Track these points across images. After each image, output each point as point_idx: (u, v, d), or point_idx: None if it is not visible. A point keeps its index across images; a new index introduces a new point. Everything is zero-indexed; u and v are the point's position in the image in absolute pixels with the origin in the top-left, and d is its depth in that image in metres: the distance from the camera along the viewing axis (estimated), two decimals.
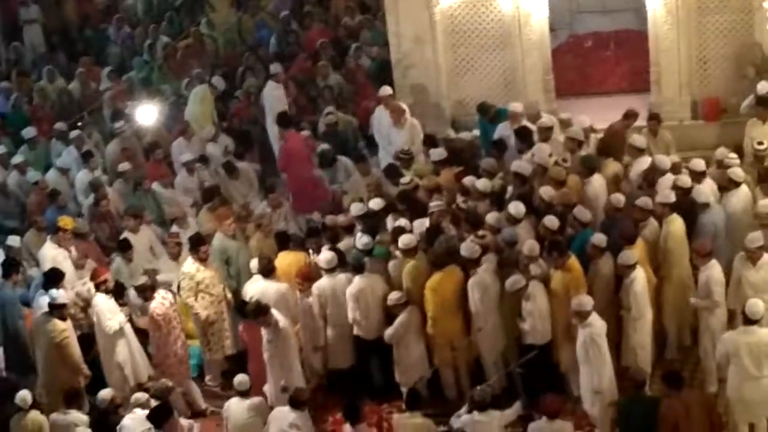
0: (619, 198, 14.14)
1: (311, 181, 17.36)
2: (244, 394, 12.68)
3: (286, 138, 17.65)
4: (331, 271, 13.81)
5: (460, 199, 14.99)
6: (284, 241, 14.83)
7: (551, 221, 13.62)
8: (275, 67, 19.18)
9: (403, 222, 14.25)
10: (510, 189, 14.88)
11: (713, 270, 12.95)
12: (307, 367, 13.95)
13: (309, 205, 16.98)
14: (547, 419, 11.80)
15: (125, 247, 15.28)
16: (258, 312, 13.10)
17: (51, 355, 13.69)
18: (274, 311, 13.16)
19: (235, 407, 12.67)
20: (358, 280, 13.66)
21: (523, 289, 12.98)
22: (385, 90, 17.56)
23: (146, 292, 13.90)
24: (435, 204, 14.41)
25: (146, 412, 12.24)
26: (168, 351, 13.88)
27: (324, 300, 13.83)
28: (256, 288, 13.94)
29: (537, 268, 13.19)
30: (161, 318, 13.77)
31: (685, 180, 14.29)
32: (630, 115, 16.19)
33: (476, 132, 17.22)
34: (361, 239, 14.12)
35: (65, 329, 13.68)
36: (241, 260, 14.98)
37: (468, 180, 15.14)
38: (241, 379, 12.80)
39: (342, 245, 14.37)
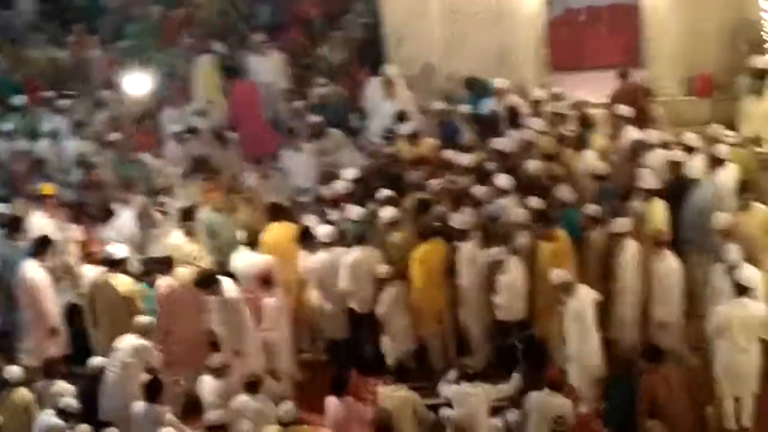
0: (600, 166, 14.07)
1: (260, 126, 17.75)
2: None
3: (233, 87, 18.23)
4: (330, 245, 13.77)
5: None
6: (277, 213, 14.79)
7: (537, 203, 13.64)
8: (257, 37, 19.21)
9: (387, 194, 14.29)
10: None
11: (667, 261, 12.91)
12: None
13: (257, 149, 17.24)
14: (549, 391, 11.85)
15: (107, 217, 15.27)
16: (206, 282, 13.08)
17: (118, 310, 13.68)
18: (226, 282, 13.13)
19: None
20: (356, 251, 13.66)
21: (501, 262, 12.95)
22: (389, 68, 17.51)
23: (163, 265, 13.81)
24: (436, 182, 14.51)
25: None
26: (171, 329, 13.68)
27: (324, 273, 13.79)
28: (242, 260, 13.92)
29: (522, 237, 13.18)
30: (164, 297, 13.65)
31: (678, 155, 14.26)
32: (624, 74, 16.19)
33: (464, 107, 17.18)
34: (355, 210, 14.14)
35: (131, 282, 13.73)
36: (227, 233, 14.99)
37: (449, 154, 15.14)
38: (222, 358, 12.86)
39: (330, 217, 14.45)
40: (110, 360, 13.00)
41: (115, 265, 13.87)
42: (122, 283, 13.78)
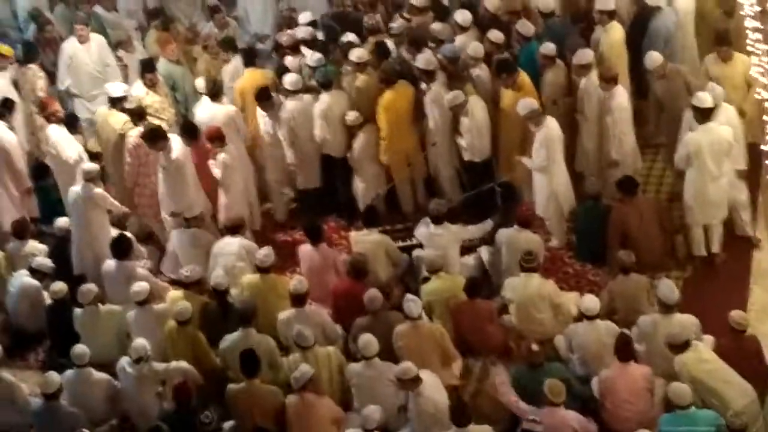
0: (548, 3, 14.01)
1: None
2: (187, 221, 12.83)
3: None
4: (296, 92, 13.62)
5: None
6: (250, 57, 14.55)
7: (496, 36, 13.53)
8: None
9: (352, 37, 14.06)
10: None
11: (620, 96, 12.81)
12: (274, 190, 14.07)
13: None
14: (519, 227, 11.98)
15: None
16: (154, 137, 12.93)
17: (117, 148, 13.71)
18: (174, 138, 13.01)
19: (178, 237, 12.79)
20: (325, 97, 13.53)
21: (462, 104, 12.94)
22: None
23: (134, 116, 13.60)
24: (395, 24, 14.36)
25: None
26: (140, 181, 13.61)
27: (293, 123, 13.63)
28: (204, 111, 13.79)
29: (480, 71, 13.16)
30: (133, 148, 13.45)
31: None
32: None
33: None
34: (313, 56, 13.97)
35: (128, 120, 13.61)
36: (187, 84, 14.83)
37: None
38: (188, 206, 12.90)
39: (288, 63, 14.23)
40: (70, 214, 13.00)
41: (115, 103, 13.78)
42: (119, 120, 13.70)
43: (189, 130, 13.31)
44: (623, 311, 11.19)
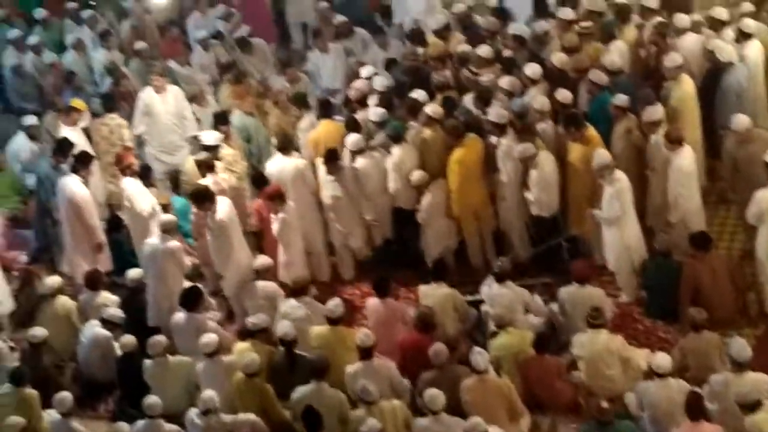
0: (614, 60, 13.94)
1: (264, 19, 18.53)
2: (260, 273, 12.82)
3: None
4: (360, 152, 13.65)
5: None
6: (326, 109, 14.66)
7: (563, 95, 13.48)
8: None
9: (419, 94, 14.11)
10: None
11: (684, 158, 12.66)
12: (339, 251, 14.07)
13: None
14: (578, 285, 11.88)
15: None
16: (200, 197, 13.01)
17: None
18: (222, 201, 13.05)
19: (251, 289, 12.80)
20: (396, 151, 13.54)
21: (532, 157, 12.90)
22: None
23: (203, 168, 13.75)
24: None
25: None
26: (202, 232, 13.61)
27: (365, 179, 13.66)
28: (274, 164, 13.89)
29: (546, 125, 13.19)
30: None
31: (717, 44, 13.98)
32: None
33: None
34: (376, 112, 14.03)
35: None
36: (260, 136, 14.93)
37: (464, 47, 14.98)
38: (262, 261, 12.87)
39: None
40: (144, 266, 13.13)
41: (209, 150, 13.95)
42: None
43: (258, 182, 13.40)
44: (695, 369, 11.04)
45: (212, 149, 13.99)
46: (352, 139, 13.65)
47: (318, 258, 13.94)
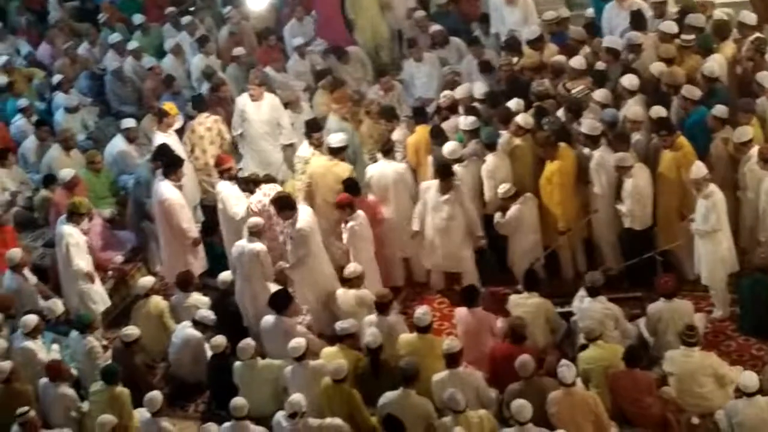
0: (714, 66, 13.76)
1: (334, 13, 18.39)
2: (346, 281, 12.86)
3: None
4: (458, 160, 13.61)
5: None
6: (421, 114, 14.79)
7: (657, 111, 13.27)
8: None
9: (513, 103, 14.07)
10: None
11: None
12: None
13: (329, 35, 18.01)
14: (664, 299, 11.74)
15: None
16: (282, 205, 13.07)
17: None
18: (302, 209, 13.09)
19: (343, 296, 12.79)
20: (491, 158, 13.50)
21: (627, 168, 12.78)
22: None
23: (249, 184, 13.83)
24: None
25: None
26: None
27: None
28: (375, 168, 13.92)
29: (639, 136, 13.05)
30: (257, 212, 13.63)
31: None
32: None
33: (590, 11, 16.84)
34: (467, 120, 14.01)
35: (351, 169, 14.01)
36: (355, 142, 14.98)
37: (558, 59, 14.90)
38: (353, 267, 12.88)
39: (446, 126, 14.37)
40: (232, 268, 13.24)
41: (336, 152, 14.01)
42: (344, 169, 13.92)
43: (351, 188, 13.47)
44: None
45: (338, 151, 14.04)
46: (449, 147, 13.64)
47: (415, 263, 14.00)
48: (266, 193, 13.73)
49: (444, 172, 13.29)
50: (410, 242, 13.80)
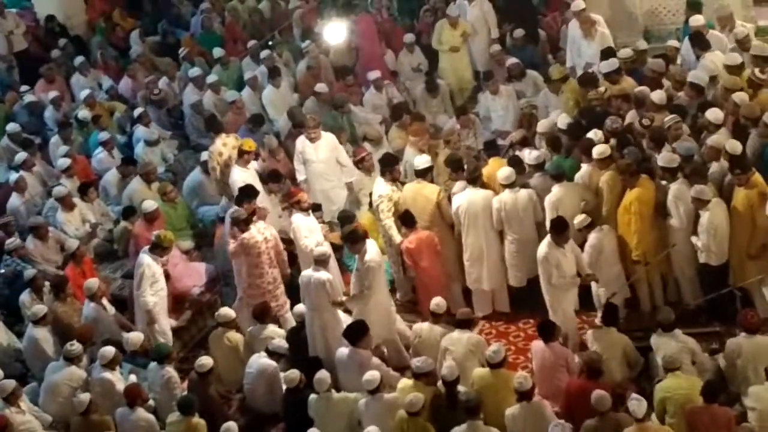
0: None
1: (377, 56, 18.77)
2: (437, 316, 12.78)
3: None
4: (510, 185, 13.61)
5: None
6: (492, 148, 14.94)
7: (733, 145, 13.13)
8: None
9: (593, 134, 13.97)
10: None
11: None
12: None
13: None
14: (746, 334, 11.58)
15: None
16: (353, 238, 13.07)
17: (431, 215, 14.03)
18: (370, 243, 13.09)
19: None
20: (557, 189, 13.45)
21: (705, 201, 12.64)
22: (578, 4, 17.11)
23: (240, 224, 13.73)
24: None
25: None
26: (252, 281, 13.81)
27: (503, 214, 13.63)
28: (463, 196, 13.87)
29: (715, 170, 12.98)
30: (247, 247, 13.65)
31: None
32: None
33: (671, 42, 16.71)
34: (531, 155, 14.00)
35: (438, 191, 14.08)
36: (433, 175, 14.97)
37: (643, 90, 14.80)
38: (438, 301, 12.84)
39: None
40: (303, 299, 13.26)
41: (423, 174, 14.11)
42: (433, 191, 14.02)
43: (407, 221, 13.57)
44: None
45: (424, 173, 14.11)
46: (505, 172, 13.66)
47: (499, 293, 14.04)
48: (261, 231, 13.78)
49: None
50: (496, 272, 13.83)
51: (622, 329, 12.32)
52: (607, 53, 16.07)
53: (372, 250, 13.06)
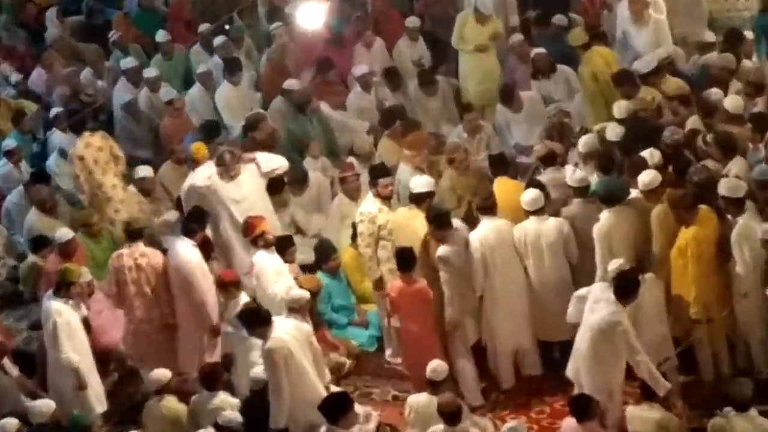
0: None
1: None
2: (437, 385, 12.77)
3: None
4: (536, 212, 13.71)
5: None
6: (501, 165, 14.96)
7: None
8: None
9: (646, 153, 14.01)
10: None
11: None
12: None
13: None
14: None
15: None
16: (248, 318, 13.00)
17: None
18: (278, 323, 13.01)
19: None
20: (606, 215, 13.48)
21: None
22: None
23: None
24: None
25: None
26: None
27: (523, 248, 13.78)
28: (481, 230, 13.86)
29: None
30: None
31: None
32: None
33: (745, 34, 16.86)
34: (574, 175, 14.07)
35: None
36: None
37: (713, 94, 14.97)
38: (435, 366, 12.84)
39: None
40: None
41: (419, 200, 14.19)
42: (425, 225, 14.01)
43: (405, 261, 13.56)
44: None
45: (421, 198, 14.15)
46: (531, 194, 13.76)
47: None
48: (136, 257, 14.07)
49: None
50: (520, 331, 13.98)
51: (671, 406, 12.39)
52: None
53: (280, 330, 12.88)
